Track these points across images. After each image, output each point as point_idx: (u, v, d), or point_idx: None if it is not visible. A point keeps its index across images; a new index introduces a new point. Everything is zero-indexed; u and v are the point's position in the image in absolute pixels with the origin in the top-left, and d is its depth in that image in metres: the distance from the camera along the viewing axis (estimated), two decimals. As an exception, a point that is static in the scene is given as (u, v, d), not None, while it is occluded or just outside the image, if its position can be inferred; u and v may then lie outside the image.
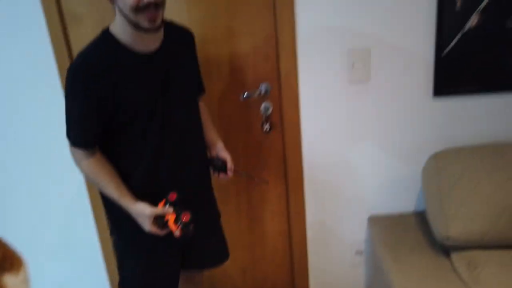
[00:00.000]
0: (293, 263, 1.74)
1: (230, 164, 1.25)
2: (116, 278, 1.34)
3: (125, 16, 1.01)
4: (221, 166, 1.24)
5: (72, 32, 1.44)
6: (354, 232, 1.68)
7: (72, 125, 1.11)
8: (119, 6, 1.01)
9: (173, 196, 1.09)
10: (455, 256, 1.31)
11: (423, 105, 1.49)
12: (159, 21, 1.03)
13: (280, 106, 1.55)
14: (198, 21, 1.43)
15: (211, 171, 1.28)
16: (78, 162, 1.14)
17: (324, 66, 1.46)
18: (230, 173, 1.25)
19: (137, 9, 0.98)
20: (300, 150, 1.57)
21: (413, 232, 1.50)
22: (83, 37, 1.44)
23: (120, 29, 1.06)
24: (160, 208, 1.09)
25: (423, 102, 1.49)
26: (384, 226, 1.56)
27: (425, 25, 1.39)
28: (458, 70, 1.42)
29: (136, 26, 1.02)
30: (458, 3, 1.34)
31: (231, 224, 1.69)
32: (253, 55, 1.49)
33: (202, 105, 1.34)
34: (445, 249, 1.36)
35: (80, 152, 1.12)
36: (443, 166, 1.37)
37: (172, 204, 1.08)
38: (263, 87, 1.52)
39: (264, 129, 1.56)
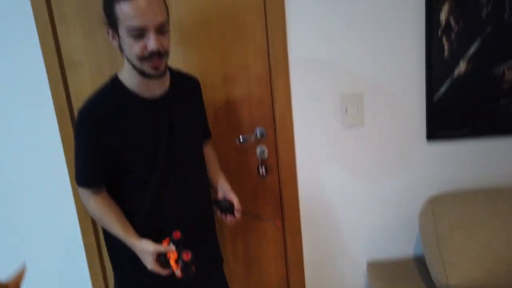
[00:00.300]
0: (291, 311, 1.68)
1: (237, 205, 1.24)
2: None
3: (131, 63, 1.09)
4: (228, 208, 1.23)
5: (70, 78, 1.47)
6: (353, 277, 1.63)
7: (78, 167, 1.16)
8: (127, 55, 1.09)
9: (177, 234, 1.09)
10: (457, 305, 1.27)
11: (417, 149, 1.51)
12: (162, 68, 1.10)
13: (276, 149, 1.56)
14: (193, 66, 1.46)
15: (218, 213, 1.27)
16: (85, 202, 1.17)
17: (319, 110, 1.48)
18: (237, 214, 1.24)
19: (142, 57, 1.06)
20: (296, 194, 1.56)
21: (413, 278, 1.46)
22: (81, 82, 1.47)
23: (128, 76, 1.13)
24: (163, 246, 1.09)
25: (417, 146, 1.50)
26: (383, 272, 1.52)
27: (415, 71, 1.44)
28: (450, 114, 1.44)
29: (141, 72, 1.09)
30: (446, 51, 1.39)
31: (228, 270, 1.64)
32: (248, 100, 1.52)
33: (209, 148, 1.39)
34: (447, 297, 1.32)
35: (86, 191, 1.16)
36: (439, 211, 1.36)
37: (175, 242, 1.09)
38: (258, 131, 1.53)
39: (261, 172, 1.56)
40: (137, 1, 1.01)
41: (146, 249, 1.10)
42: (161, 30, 1.05)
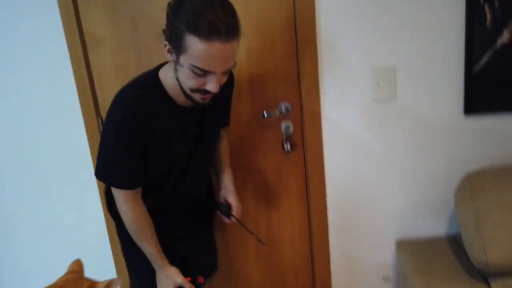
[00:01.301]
0: (316, 289, 1.67)
1: (234, 211, 1.27)
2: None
3: (179, 84, 1.03)
4: (227, 212, 1.28)
5: (91, 52, 1.44)
6: (381, 257, 1.60)
7: (119, 171, 1.09)
8: (179, 78, 1.01)
9: (201, 279, 1.18)
10: (495, 283, 1.23)
11: (454, 124, 1.44)
12: (209, 99, 1.06)
13: (302, 125, 1.51)
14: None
15: (219, 212, 1.31)
16: (120, 206, 1.13)
17: (347, 85, 1.42)
18: (233, 220, 1.28)
19: (196, 90, 1.01)
20: (322, 171, 1.52)
21: (446, 257, 1.42)
22: (102, 57, 1.43)
23: (170, 83, 1.07)
24: (188, 282, 1.16)
25: (454, 121, 1.43)
26: (413, 251, 1.48)
27: (453, 41, 1.35)
28: (491, 87, 1.36)
29: (187, 96, 1.04)
30: (488, 20, 1.29)
31: (250, 248, 1.63)
32: (273, 74, 1.46)
33: (223, 135, 1.37)
34: (483, 276, 1.28)
35: (121, 195, 1.11)
36: (478, 187, 1.30)
37: (197, 286, 1.17)
38: (283, 106, 1.48)
39: (285, 148, 1.52)
40: (213, 47, 0.91)
41: (172, 277, 1.14)
42: (225, 73, 1.00)
